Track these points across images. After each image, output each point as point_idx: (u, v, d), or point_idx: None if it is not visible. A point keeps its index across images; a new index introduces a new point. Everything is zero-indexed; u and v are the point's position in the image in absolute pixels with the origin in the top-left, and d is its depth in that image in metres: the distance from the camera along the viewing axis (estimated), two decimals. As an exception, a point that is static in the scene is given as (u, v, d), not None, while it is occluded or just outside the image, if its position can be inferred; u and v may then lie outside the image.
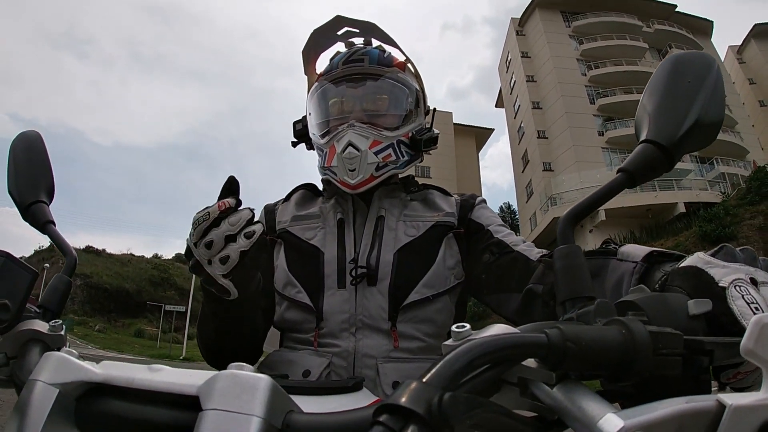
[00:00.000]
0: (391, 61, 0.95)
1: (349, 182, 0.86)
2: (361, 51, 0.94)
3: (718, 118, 0.45)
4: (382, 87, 0.93)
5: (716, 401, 0.27)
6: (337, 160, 0.86)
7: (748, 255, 0.42)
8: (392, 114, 0.92)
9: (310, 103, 0.96)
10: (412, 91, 0.95)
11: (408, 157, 0.93)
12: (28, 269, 0.55)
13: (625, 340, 0.30)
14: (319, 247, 0.87)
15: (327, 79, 0.93)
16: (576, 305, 0.39)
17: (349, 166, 0.85)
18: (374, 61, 0.92)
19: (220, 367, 0.80)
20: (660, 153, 0.43)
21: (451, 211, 0.92)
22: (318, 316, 0.82)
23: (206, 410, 0.29)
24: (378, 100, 0.92)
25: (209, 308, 0.74)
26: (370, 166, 0.86)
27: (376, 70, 0.92)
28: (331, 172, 0.89)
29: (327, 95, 0.94)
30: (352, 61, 0.92)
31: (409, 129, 0.92)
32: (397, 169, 0.91)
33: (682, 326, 0.34)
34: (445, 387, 0.24)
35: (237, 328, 0.77)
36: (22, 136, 0.67)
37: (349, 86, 0.92)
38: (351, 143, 0.85)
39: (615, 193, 0.44)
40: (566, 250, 0.42)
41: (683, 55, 0.47)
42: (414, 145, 0.93)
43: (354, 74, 0.92)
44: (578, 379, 0.31)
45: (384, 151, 0.88)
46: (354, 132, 0.86)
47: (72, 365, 0.38)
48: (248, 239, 0.62)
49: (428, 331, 0.83)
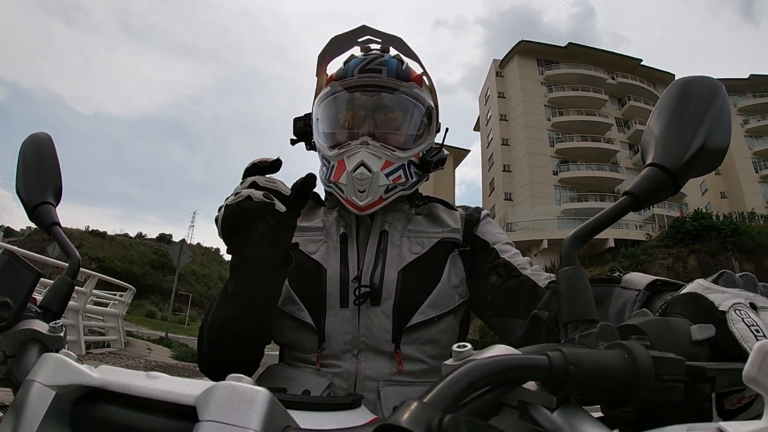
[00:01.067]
0: (408, 74, 0.90)
1: (357, 203, 0.83)
2: (378, 60, 0.89)
3: (724, 143, 0.45)
4: (398, 102, 0.89)
5: (717, 429, 0.27)
6: (346, 178, 0.83)
7: (748, 281, 0.42)
8: (405, 133, 0.89)
9: (318, 107, 0.92)
10: (428, 109, 0.92)
11: (416, 178, 0.90)
12: (32, 269, 0.55)
13: (627, 365, 0.30)
14: (321, 263, 0.85)
15: (341, 85, 0.89)
16: (578, 328, 0.38)
17: (359, 187, 0.82)
18: (392, 73, 0.88)
19: (215, 369, 0.78)
20: (666, 176, 0.43)
21: (456, 226, 0.90)
22: (320, 336, 0.80)
23: (203, 421, 0.29)
24: (392, 116, 0.89)
25: (240, 286, 0.69)
26: (380, 188, 0.83)
27: (394, 84, 0.88)
28: (337, 187, 0.85)
29: (338, 103, 0.90)
30: (369, 71, 0.88)
31: (420, 149, 0.89)
32: (404, 191, 0.88)
33: (684, 352, 0.33)
34: (445, 408, 0.24)
35: (257, 313, 0.73)
36: (32, 138, 0.68)
37: (363, 96, 0.88)
38: (363, 163, 0.82)
39: (620, 216, 0.44)
40: (570, 272, 0.41)
41: (690, 80, 0.48)
42: (423, 166, 0.90)
43: (370, 86, 0.88)
44: (579, 404, 0.31)
45: (395, 173, 0.85)
46: (367, 151, 0.83)
47: (70, 368, 0.37)
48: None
49: (432, 352, 0.81)
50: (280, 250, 0.67)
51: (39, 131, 0.68)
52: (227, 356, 0.75)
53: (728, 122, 0.46)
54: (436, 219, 0.92)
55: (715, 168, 0.46)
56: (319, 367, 0.80)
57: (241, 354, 0.77)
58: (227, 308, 0.72)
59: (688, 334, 0.37)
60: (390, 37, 0.91)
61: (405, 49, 0.92)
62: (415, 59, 0.93)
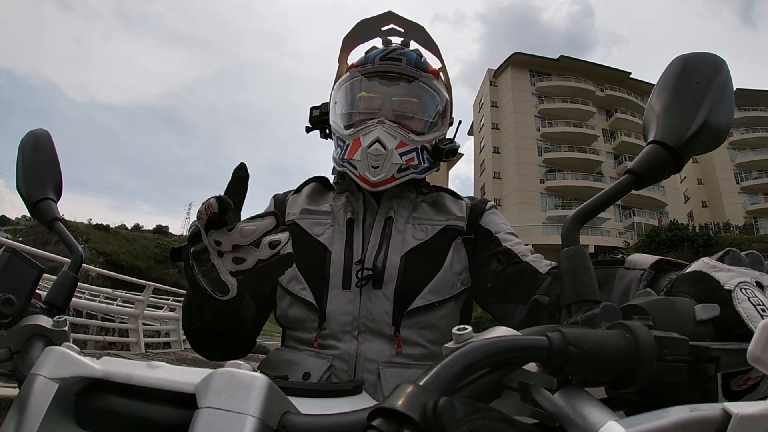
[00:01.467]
0: (426, 66, 0.94)
1: (370, 179, 0.84)
2: (399, 51, 0.92)
3: (726, 120, 0.44)
4: (415, 90, 0.92)
5: (722, 410, 0.26)
6: (360, 154, 0.85)
7: (755, 259, 0.41)
8: (420, 119, 0.92)
9: (338, 92, 0.95)
10: (442, 100, 0.95)
11: (428, 164, 0.92)
12: (35, 265, 0.55)
13: (629, 345, 0.29)
14: (326, 245, 0.86)
15: (360, 71, 0.93)
16: (581, 308, 0.38)
17: (373, 163, 0.84)
18: (411, 63, 0.91)
19: (207, 353, 0.79)
20: (668, 154, 0.43)
21: (462, 215, 0.91)
22: (321, 316, 0.81)
23: (202, 408, 0.29)
24: (409, 102, 0.92)
25: (196, 300, 0.66)
26: (393, 166, 0.85)
27: (412, 73, 0.92)
28: (351, 165, 0.87)
29: (357, 87, 0.93)
30: (390, 59, 0.91)
31: (433, 137, 0.92)
32: (416, 174, 0.90)
33: (688, 331, 0.33)
34: (442, 391, 0.23)
35: (226, 323, 0.71)
36: (31, 135, 0.68)
37: (382, 83, 0.92)
38: (379, 140, 0.84)
39: (622, 195, 0.43)
40: (572, 252, 0.41)
41: (692, 56, 0.46)
42: (435, 153, 0.92)
43: (389, 72, 0.91)
44: (581, 385, 0.30)
45: (408, 154, 0.87)
46: (383, 129, 0.85)
47: (72, 360, 0.38)
48: (272, 249, 0.53)
49: (432, 337, 0.82)
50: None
51: (37, 128, 0.69)
52: (213, 345, 0.78)
53: (731, 98, 0.45)
54: (441, 207, 0.94)
55: (718, 145, 0.45)
56: (318, 346, 0.81)
57: (226, 344, 0.78)
58: (195, 316, 0.71)
59: (692, 313, 0.36)
60: (414, 25, 0.95)
61: (426, 39, 0.96)
62: (435, 50, 0.97)
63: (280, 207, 0.96)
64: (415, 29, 0.95)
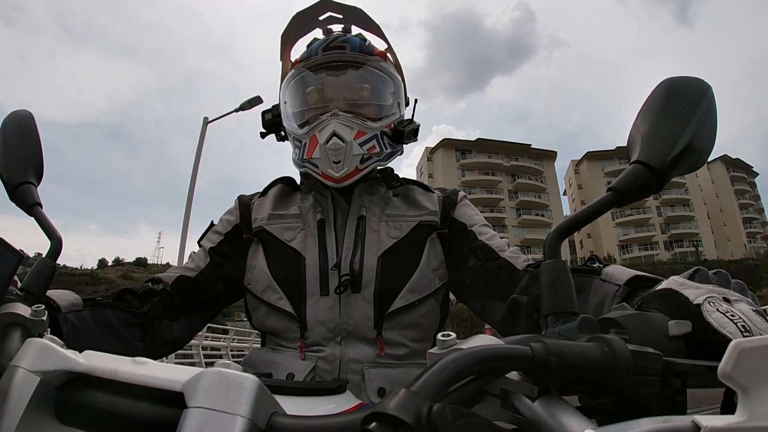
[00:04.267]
0: (372, 49, 0.91)
1: (333, 175, 0.82)
2: (341, 38, 0.89)
3: (709, 143, 0.46)
4: (364, 76, 0.89)
5: (692, 422, 0.28)
6: (319, 151, 0.82)
7: (722, 277, 0.43)
8: (375, 104, 0.89)
9: (286, 90, 0.91)
10: (395, 81, 0.92)
11: (390, 149, 0.90)
12: (13, 250, 0.54)
13: (607, 357, 0.31)
14: (299, 251, 0.84)
15: (305, 66, 0.89)
16: (559, 320, 0.39)
17: (333, 158, 0.81)
18: (356, 48, 0.88)
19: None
20: (650, 174, 0.44)
21: (434, 209, 0.90)
22: (302, 326, 0.80)
23: (191, 408, 0.29)
24: (360, 89, 0.89)
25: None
26: (355, 158, 0.82)
27: (359, 58, 0.88)
28: (312, 164, 0.85)
29: (305, 83, 0.89)
30: (333, 48, 0.88)
31: (391, 120, 0.90)
32: (380, 162, 0.88)
33: (662, 346, 0.34)
34: (432, 397, 0.24)
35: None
36: (13, 115, 0.66)
37: (329, 74, 0.88)
38: (336, 133, 0.81)
39: (603, 212, 0.45)
40: (553, 265, 0.42)
41: (678, 80, 0.48)
42: (396, 137, 0.90)
43: (335, 61, 0.88)
44: (559, 394, 0.32)
45: (368, 143, 0.84)
46: (338, 122, 0.82)
47: (54, 353, 0.37)
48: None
49: (414, 336, 0.83)
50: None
51: (20, 108, 0.67)
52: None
53: (714, 123, 0.46)
54: (413, 202, 0.92)
55: (698, 168, 0.47)
56: (303, 356, 0.80)
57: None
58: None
59: (665, 328, 0.38)
60: (351, 9, 0.91)
61: (366, 21, 0.92)
62: (378, 30, 0.93)
63: (245, 210, 0.93)
64: (354, 12, 0.91)
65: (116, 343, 0.73)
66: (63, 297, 0.67)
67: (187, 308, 0.86)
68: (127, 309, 0.77)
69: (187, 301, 0.86)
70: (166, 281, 0.86)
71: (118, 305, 0.76)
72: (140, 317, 0.78)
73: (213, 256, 0.90)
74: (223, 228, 0.93)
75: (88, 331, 0.69)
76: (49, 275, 0.58)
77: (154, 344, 0.80)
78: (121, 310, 0.76)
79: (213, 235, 0.93)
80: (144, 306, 0.79)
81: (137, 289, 0.81)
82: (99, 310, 0.72)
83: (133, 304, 0.78)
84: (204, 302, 0.89)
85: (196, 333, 0.93)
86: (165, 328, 0.82)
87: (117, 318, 0.74)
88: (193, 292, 0.86)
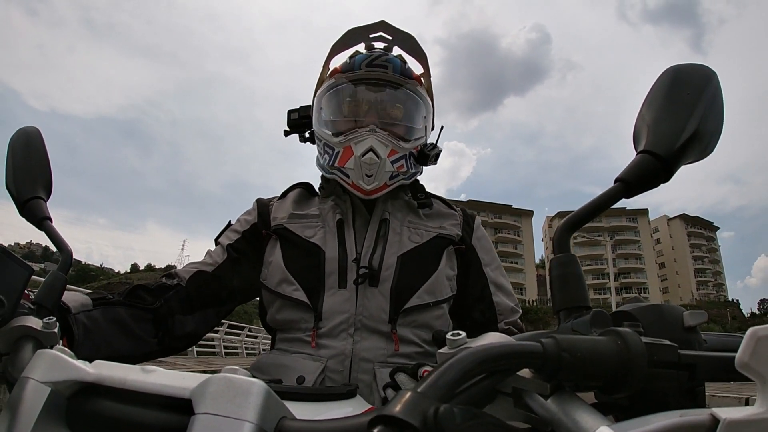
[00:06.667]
0: (411, 73, 0.95)
1: (364, 187, 0.86)
2: (384, 57, 0.93)
3: (716, 129, 0.45)
4: (402, 97, 0.93)
5: (710, 415, 0.27)
6: (354, 162, 0.86)
7: None
8: (408, 125, 0.93)
9: (323, 97, 0.95)
10: (427, 107, 0.96)
11: (414, 170, 0.94)
12: (24, 265, 0.54)
13: (620, 351, 0.30)
14: (320, 246, 0.87)
15: (347, 78, 0.93)
16: (571, 314, 0.39)
17: (367, 171, 0.86)
18: (397, 70, 0.93)
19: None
20: (658, 163, 0.43)
21: (455, 224, 0.95)
22: (317, 315, 0.82)
23: (198, 414, 0.29)
24: (396, 109, 0.93)
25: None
26: (386, 174, 0.87)
27: (399, 80, 0.93)
28: (342, 173, 0.88)
29: (345, 94, 0.93)
30: (377, 66, 0.92)
31: (419, 143, 0.94)
32: (405, 181, 0.92)
33: (677, 338, 0.34)
34: (440, 398, 0.24)
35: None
36: (21, 132, 0.67)
37: (369, 89, 0.92)
38: (372, 149, 0.85)
39: (611, 204, 0.44)
40: (563, 259, 0.41)
41: (683, 67, 0.47)
42: (421, 159, 0.94)
43: (377, 79, 0.92)
44: (573, 391, 0.31)
45: (399, 161, 0.89)
46: (376, 138, 0.86)
47: (65, 364, 0.37)
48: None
49: (426, 337, 0.84)
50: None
51: (27, 125, 0.68)
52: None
53: (721, 108, 0.45)
54: (435, 214, 0.96)
55: (706, 155, 0.45)
56: (315, 345, 0.81)
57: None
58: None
59: (680, 320, 0.37)
60: (404, 35, 0.97)
61: (414, 47, 0.98)
62: (423, 57, 0.99)
63: (264, 210, 0.96)
64: (406, 38, 0.97)
65: (128, 340, 0.76)
66: (73, 298, 0.70)
67: (202, 303, 0.89)
68: (140, 305, 0.80)
69: (202, 295, 0.89)
70: (183, 276, 0.89)
71: (130, 302, 0.79)
72: (153, 313, 0.81)
73: (230, 252, 0.93)
74: (241, 227, 0.96)
75: (100, 331, 0.71)
76: (60, 288, 0.59)
77: (168, 339, 0.84)
78: (133, 306, 0.79)
79: (231, 233, 0.96)
80: (157, 301, 0.83)
81: (150, 285, 0.85)
82: (110, 308, 0.75)
83: (145, 300, 0.82)
84: (219, 297, 0.91)
85: (211, 329, 0.96)
86: (178, 322, 0.85)
87: (129, 315, 0.78)
88: (209, 287, 0.89)
